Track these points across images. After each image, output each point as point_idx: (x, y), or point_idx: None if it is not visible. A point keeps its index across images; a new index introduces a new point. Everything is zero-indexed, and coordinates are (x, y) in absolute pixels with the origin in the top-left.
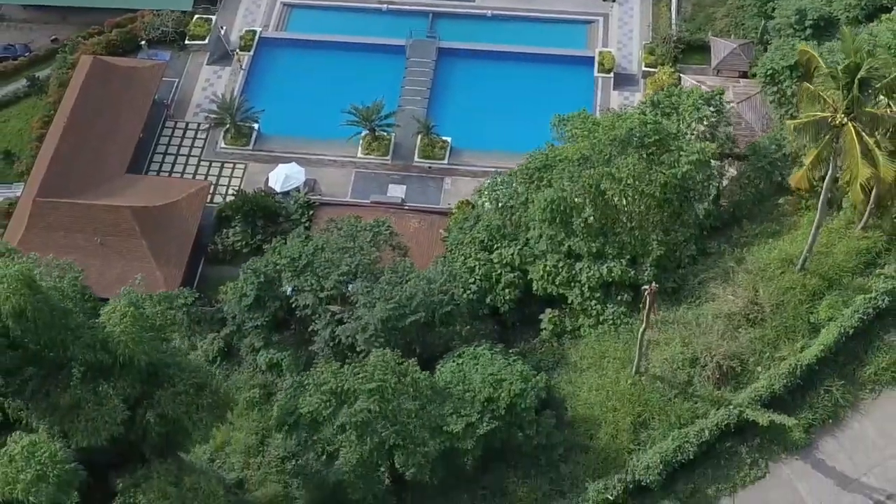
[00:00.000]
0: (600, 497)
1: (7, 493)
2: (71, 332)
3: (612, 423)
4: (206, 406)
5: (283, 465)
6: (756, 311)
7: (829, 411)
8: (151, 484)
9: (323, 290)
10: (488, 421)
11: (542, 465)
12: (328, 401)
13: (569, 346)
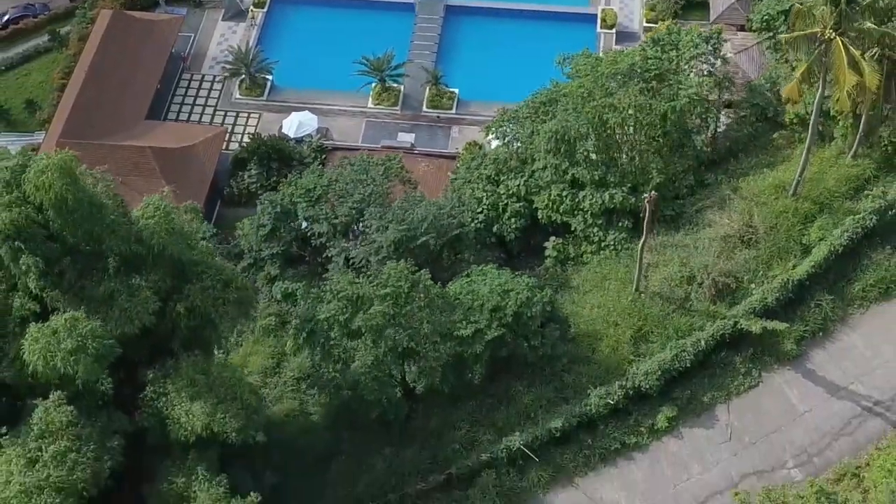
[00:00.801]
0: (602, 402)
1: (48, 361)
2: (107, 227)
3: (614, 336)
4: (233, 301)
5: (299, 385)
6: (750, 234)
7: (819, 324)
8: (180, 373)
9: (337, 218)
10: (496, 328)
11: (546, 374)
12: (345, 307)
13: (572, 272)
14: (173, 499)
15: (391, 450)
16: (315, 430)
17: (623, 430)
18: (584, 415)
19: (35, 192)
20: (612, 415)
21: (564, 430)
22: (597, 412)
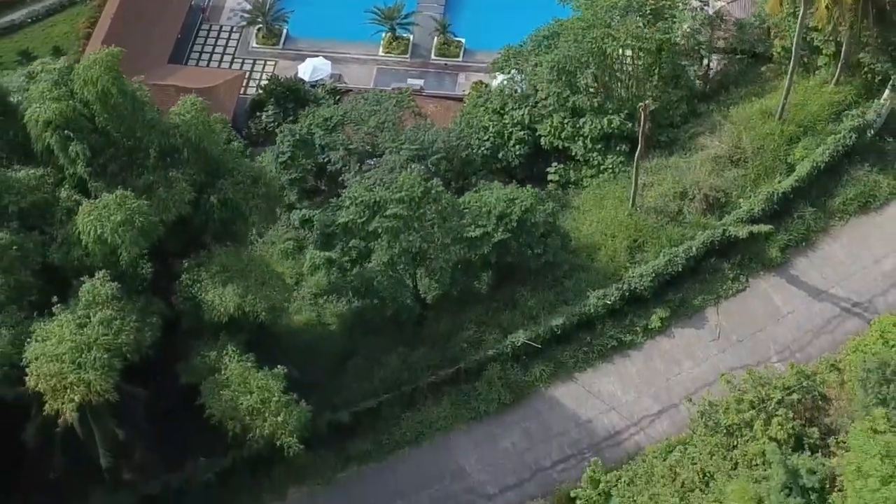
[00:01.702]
0: (600, 303)
1: (98, 231)
2: (147, 122)
3: (611, 247)
4: (261, 195)
5: (316, 300)
6: (739, 154)
7: (803, 234)
8: (213, 261)
9: (353, 145)
10: (502, 232)
11: (548, 281)
12: (362, 211)
13: (573, 195)
14: (205, 370)
15: (404, 349)
16: (332, 337)
17: (619, 329)
18: (583, 315)
19: (82, 87)
20: (610, 315)
21: (565, 328)
22: (595, 312)
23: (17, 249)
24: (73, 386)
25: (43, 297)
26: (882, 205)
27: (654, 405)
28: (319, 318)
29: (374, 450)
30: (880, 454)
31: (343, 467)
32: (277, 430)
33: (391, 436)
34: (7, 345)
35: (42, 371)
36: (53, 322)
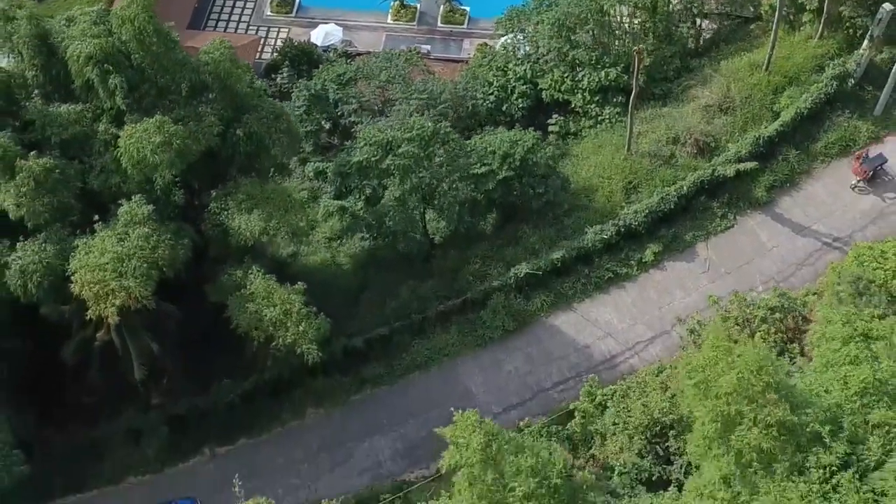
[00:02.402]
0: (597, 238)
1: (139, 151)
2: (179, 60)
3: (608, 188)
4: (283, 129)
5: (330, 243)
6: (728, 103)
7: (787, 175)
8: (239, 190)
9: (365, 97)
10: (506, 170)
11: (549, 219)
12: (376, 151)
13: (572, 144)
14: (231, 287)
15: (414, 282)
16: (346, 275)
17: (615, 262)
18: (581, 249)
19: (120, 26)
20: (606, 250)
21: (564, 261)
22: (592, 247)
23: (59, 173)
24: (114, 292)
25: (83, 218)
26: (861, 149)
27: (648, 332)
28: (333, 259)
29: (387, 374)
30: (842, 321)
31: (357, 390)
32: (299, 338)
33: (402, 361)
34: (53, 258)
35: (86, 279)
36: (95, 238)
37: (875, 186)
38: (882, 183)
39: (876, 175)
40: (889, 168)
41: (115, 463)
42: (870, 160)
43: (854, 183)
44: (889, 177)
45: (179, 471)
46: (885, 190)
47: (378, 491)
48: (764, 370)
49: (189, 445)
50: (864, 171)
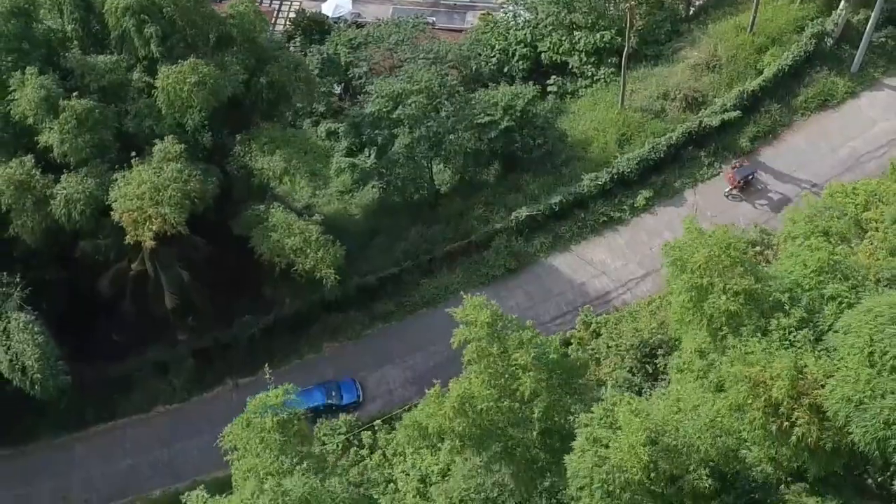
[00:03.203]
0: (592, 184)
1: (177, 91)
2: (207, 14)
3: (602, 140)
4: (303, 78)
5: (342, 196)
6: (715, 62)
7: (769, 127)
8: (262, 134)
9: (375, 60)
10: (507, 120)
11: (548, 168)
12: (387, 102)
13: (569, 103)
14: (255, 221)
15: (422, 227)
16: (358, 222)
17: (609, 207)
18: (577, 195)
19: None
20: (601, 195)
21: (562, 205)
22: (588, 193)
23: (98, 114)
24: (151, 218)
25: (120, 157)
26: (838, 103)
27: (639, 270)
28: (346, 209)
29: (397, 310)
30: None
31: (370, 325)
32: (318, 263)
33: (411, 298)
34: (94, 189)
35: (125, 206)
36: (133, 171)
37: (748, 194)
38: (755, 191)
39: (748, 184)
40: (759, 177)
41: (144, 393)
42: (741, 171)
43: (727, 191)
44: (761, 185)
45: (204, 400)
46: (758, 197)
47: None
48: (732, 247)
49: (213, 377)
50: (735, 180)
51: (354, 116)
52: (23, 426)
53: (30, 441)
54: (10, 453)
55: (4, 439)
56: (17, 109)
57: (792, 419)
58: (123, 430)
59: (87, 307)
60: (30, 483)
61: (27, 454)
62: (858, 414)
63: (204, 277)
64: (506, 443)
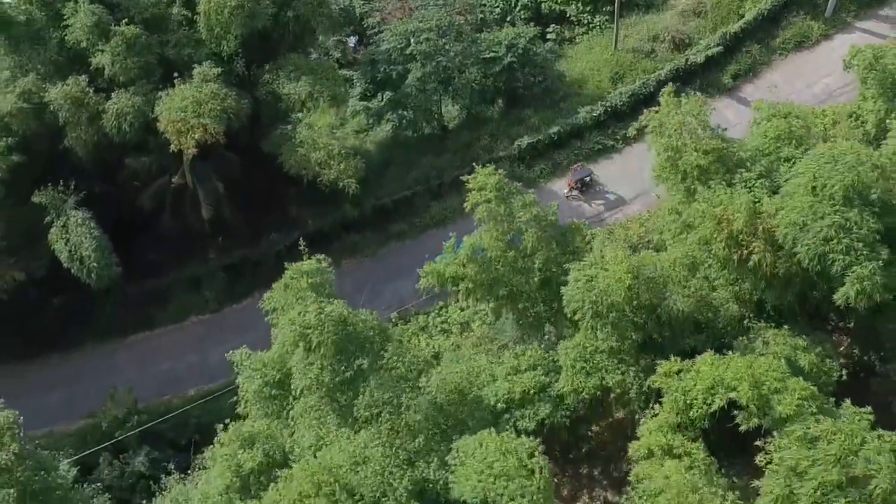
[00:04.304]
0: (588, 116)
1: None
2: None
3: (597, 78)
4: (326, 14)
5: (357, 135)
6: (701, 8)
7: (749, 66)
8: (289, 62)
9: (388, 11)
10: (510, 57)
11: (547, 103)
12: (401, 39)
13: (567, 49)
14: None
15: (431, 156)
16: (372, 156)
17: (603, 137)
18: (574, 125)
19: None
20: (596, 126)
21: (560, 135)
22: (584, 124)
23: (144, 39)
24: (193, 128)
25: (163, 80)
26: (813, 44)
27: (631, 192)
28: (361, 145)
29: (409, 230)
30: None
31: (384, 243)
32: (340, 174)
33: (422, 219)
34: (142, 104)
35: (170, 118)
36: (176, 89)
37: (587, 195)
38: (594, 192)
39: (586, 185)
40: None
41: (179, 305)
42: (578, 173)
43: (566, 192)
44: (599, 186)
45: (234, 310)
46: (594, 197)
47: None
48: (702, 114)
49: (242, 289)
50: (573, 183)
51: (371, 53)
52: (68, 335)
53: (75, 349)
54: (58, 360)
55: (52, 348)
56: (71, 35)
57: (750, 248)
58: (160, 338)
59: (127, 229)
60: (77, 385)
61: (73, 361)
62: (802, 234)
63: (236, 193)
64: (510, 289)
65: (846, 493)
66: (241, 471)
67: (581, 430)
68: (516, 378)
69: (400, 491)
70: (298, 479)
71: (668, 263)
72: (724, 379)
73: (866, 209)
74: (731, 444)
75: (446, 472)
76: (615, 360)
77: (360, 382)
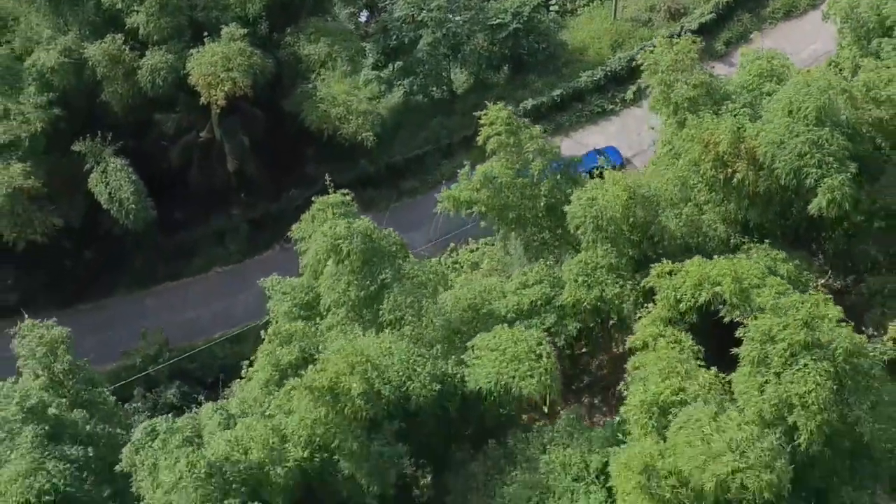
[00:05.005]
0: (589, 80)
1: None
2: None
3: (598, 46)
4: None
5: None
6: None
7: (741, 33)
8: (308, 25)
9: None
10: (515, 23)
11: (550, 69)
12: (412, 6)
13: (569, 20)
14: (303, 97)
15: (441, 118)
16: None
17: (603, 100)
18: (576, 89)
19: None
20: (596, 89)
21: (563, 98)
22: (585, 87)
23: (176, 1)
24: (223, 81)
25: (193, 39)
26: (801, 14)
27: (629, 151)
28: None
29: (420, 186)
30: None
31: (397, 199)
32: (359, 128)
33: (432, 176)
34: (174, 60)
35: (201, 72)
36: (206, 47)
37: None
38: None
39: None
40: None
41: (204, 258)
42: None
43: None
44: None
45: (256, 261)
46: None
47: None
48: (691, 51)
49: (263, 242)
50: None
51: (384, 21)
52: (102, 284)
53: (108, 296)
54: (91, 307)
55: (86, 297)
56: None
57: (734, 168)
58: (187, 287)
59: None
60: (110, 331)
61: (106, 307)
62: (780, 151)
63: (260, 150)
64: (519, 213)
65: (812, 353)
66: (280, 365)
67: (582, 363)
68: (524, 291)
69: (423, 376)
70: (334, 360)
71: (661, 184)
72: (709, 276)
73: (836, 129)
74: (716, 349)
75: (463, 367)
76: (613, 274)
77: (383, 297)
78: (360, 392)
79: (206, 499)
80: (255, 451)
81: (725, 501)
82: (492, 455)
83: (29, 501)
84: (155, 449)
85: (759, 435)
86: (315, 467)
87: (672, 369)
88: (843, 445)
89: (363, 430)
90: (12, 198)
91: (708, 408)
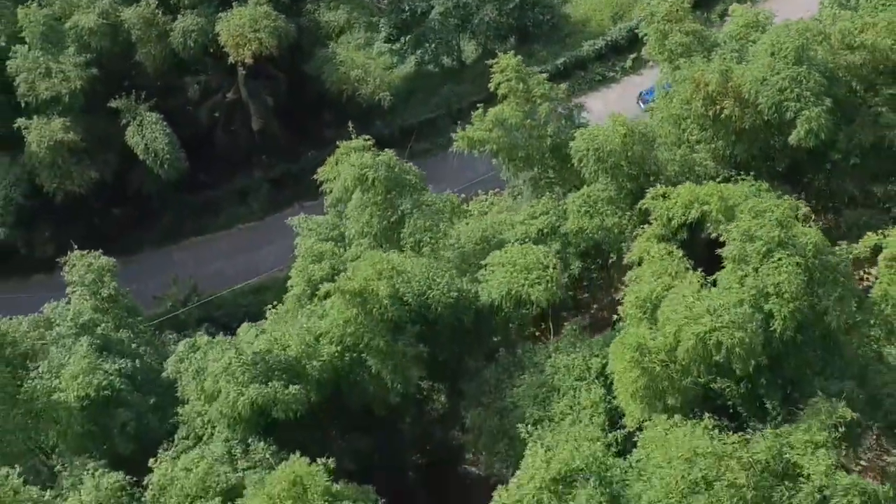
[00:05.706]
0: (591, 49)
1: None
2: None
3: (599, 18)
4: None
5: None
6: None
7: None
8: None
9: None
10: None
11: (554, 40)
12: None
13: None
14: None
15: (451, 84)
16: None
17: (604, 68)
18: (578, 58)
19: None
20: (598, 58)
21: (566, 66)
22: (587, 56)
23: None
24: (250, 42)
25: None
26: None
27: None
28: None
29: (432, 148)
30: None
31: (410, 160)
32: (376, 89)
33: (444, 138)
34: (204, 24)
35: (230, 32)
36: (234, 10)
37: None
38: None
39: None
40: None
41: (228, 215)
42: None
43: None
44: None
45: (276, 218)
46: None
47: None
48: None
49: (284, 200)
50: None
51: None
52: (130, 239)
53: (137, 251)
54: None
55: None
56: None
57: (722, 105)
58: (210, 243)
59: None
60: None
61: (134, 261)
62: (763, 88)
63: (281, 111)
64: (527, 152)
65: (787, 250)
66: (312, 280)
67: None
68: (532, 221)
69: (442, 285)
70: (364, 268)
71: (656, 122)
72: (698, 196)
73: (814, 68)
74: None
75: (477, 284)
76: (613, 206)
77: (403, 226)
78: (387, 294)
79: (253, 379)
80: (292, 347)
81: (708, 373)
82: (503, 362)
83: (89, 395)
84: (198, 358)
85: (735, 304)
86: (345, 364)
87: (664, 271)
88: (813, 334)
89: (389, 331)
90: (54, 150)
91: (692, 286)
